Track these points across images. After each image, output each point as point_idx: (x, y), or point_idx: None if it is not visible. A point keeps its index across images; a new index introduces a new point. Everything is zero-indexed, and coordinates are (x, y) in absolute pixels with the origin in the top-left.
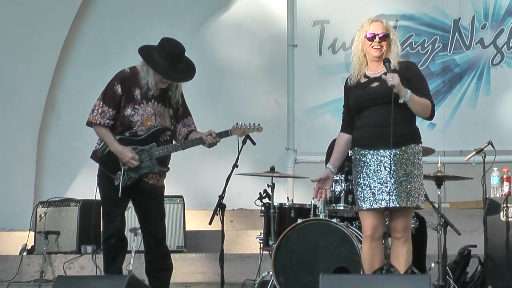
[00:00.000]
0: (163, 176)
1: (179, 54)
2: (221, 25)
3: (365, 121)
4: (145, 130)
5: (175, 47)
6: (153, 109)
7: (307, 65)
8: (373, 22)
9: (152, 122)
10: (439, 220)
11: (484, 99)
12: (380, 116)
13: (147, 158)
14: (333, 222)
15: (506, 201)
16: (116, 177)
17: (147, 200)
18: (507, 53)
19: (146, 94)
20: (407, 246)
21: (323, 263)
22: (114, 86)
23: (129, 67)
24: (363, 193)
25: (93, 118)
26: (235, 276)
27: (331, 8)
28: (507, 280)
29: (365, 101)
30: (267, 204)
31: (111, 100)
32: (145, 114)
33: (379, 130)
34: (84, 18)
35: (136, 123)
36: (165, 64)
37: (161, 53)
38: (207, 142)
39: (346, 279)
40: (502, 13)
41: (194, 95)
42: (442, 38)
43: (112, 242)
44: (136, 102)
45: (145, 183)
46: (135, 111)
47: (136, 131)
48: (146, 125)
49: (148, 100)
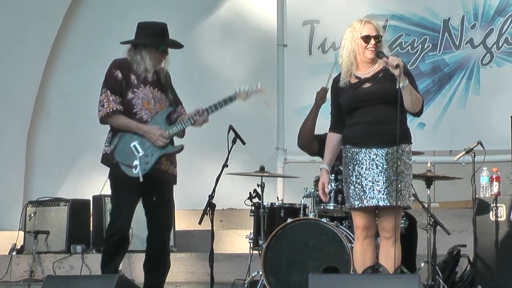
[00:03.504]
0: (173, 162)
1: (164, 27)
2: (210, 25)
3: (357, 120)
4: (148, 113)
5: (156, 23)
6: (151, 93)
7: (297, 65)
8: (366, 24)
9: (152, 106)
10: (429, 220)
11: (474, 99)
12: (373, 115)
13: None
14: (323, 222)
15: (496, 201)
16: (133, 165)
17: (159, 189)
18: (496, 53)
19: (142, 79)
20: (396, 246)
21: (313, 263)
22: (113, 73)
23: (121, 58)
24: (355, 191)
25: (106, 109)
26: (224, 275)
27: (321, 7)
28: (496, 280)
29: (357, 102)
30: (257, 203)
31: (115, 86)
32: (145, 98)
33: (372, 129)
34: (73, 17)
35: (137, 106)
36: (157, 37)
37: (147, 33)
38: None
39: (336, 279)
40: (491, 13)
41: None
42: (432, 38)
43: (113, 241)
44: (134, 86)
45: (158, 170)
46: (135, 95)
47: (141, 115)
48: (148, 108)
49: (145, 85)
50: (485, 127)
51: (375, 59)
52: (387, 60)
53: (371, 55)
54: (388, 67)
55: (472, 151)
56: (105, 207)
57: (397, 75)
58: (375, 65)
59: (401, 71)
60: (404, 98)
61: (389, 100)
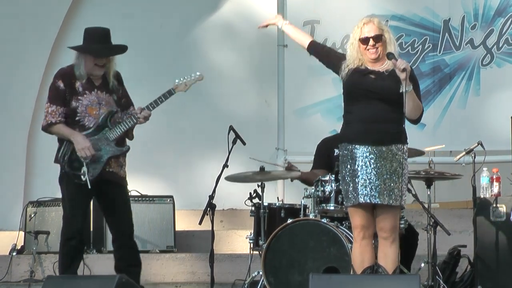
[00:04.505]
0: (121, 164)
1: (104, 33)
2: (210, 25)
3: (354, 117)
4: (93, 120)
5: (98, 29)
6: (97, 98)
7: (297, 65)
8: (365, 24)
9: (98, 111)
10: (429, 220)
11: (474, 100)
12: (370, 112)
13: (105, 144)
14: (323, 222)
15: (496, 201)
16: (82, 173)
17: (113, 192)
18: (497, 54)
19: (88, 84)
20: (395, 246)
21: (313, 263)
22: (55, 83)
23: (67, 66)
24: (349, 189)
25: (45, 121)
26: (225, 276)
27: (321, 8)
28: (497, 280)
29: (359, 89)
30: (257, 204)
31: (56, 98)
32: (89, 104)
33: (368, 127)
34: (74, 18)
35: (81, 113)
36: (94, 46)
37: (89, 40)
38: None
39: (336, 279)
40: (491, 13)
41: (183, 95)
42: (432, 39)
43: (72, 243)
44: (79, 94)
45: (108, 173)
46: (79, 102)
47: (84, 123)
48: (92, 115)
49: (91, 90)
50: (485, 127)
51: (380, 58)
52: (395, 62)
53: (373, 55)
54: (396, 69)
55: (472, 152)
56: None
57: (403, 78)
58: (385, 62)
59: (407, 75)
60: (407, 104)
61: (388, 99)
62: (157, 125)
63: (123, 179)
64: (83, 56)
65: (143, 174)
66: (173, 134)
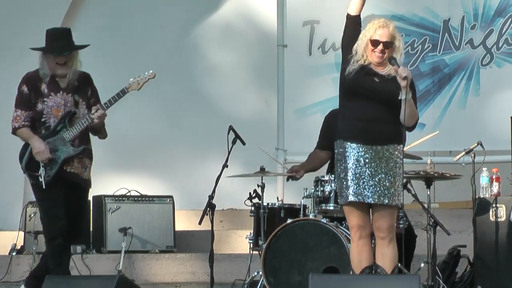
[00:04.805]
0: (85, 166)
1: (62, 32)
2: (210, 25)
3: (353, 114)
4: (57, 120)
5: (57, 28)
6: (63, 100)
7: (297, 65)
8: (381, 28)
9: (62, 112)
10: (429, 220)
11: (474, 100)
12: (369, 112)
13: (61, 145)
14: (323, 222)
15: (496, 201)
16: (39, 174)
17: (71, 193)
18: (496, 54)
19: (54, 86)
20: (392, 246)
21: (313, 263)
22: (20, 88)
23: (33, 70)
24: (342, 187)
25: (12, 126)
26: (224, 276)
27: (321, 8)
28: (496, 280)
29: (362, 89)
30: (257, 204)
31: (20, 102)
32: (54, 105)
33: (364, 125)
34: (74, 18)
35: (46, 115)
36: (53, 44)
37: (48, 39)
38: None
39: (336, 279)
40: (491, 13)
41: (184, 94)
42: (432, 39)
43: (57, 242)
44: (44, 96)
45: (67, 173)
46: (44, 104)
47: (50, 124)
48: (57, 116)
49: (57, 92)
50: (485, 127)
51: (383, 62)
52: (397, 69)
53: (377, 59)
54: (397, 75)
55: (472, 152)
56: (105, 208)
57: (403, 86)
58: (387, 66)
59: (407, 83)
60: (404, 110)
61: (388, 101)
62: (156, 125)
63: (85, 181)
64: (45, 56)
65: (142, 174)
66: (172, 134)
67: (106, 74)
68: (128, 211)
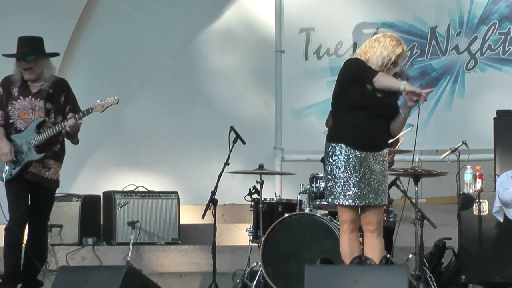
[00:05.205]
0: (48, 166)
1: (29, 40)
2: (213, 32)
3: (354, 122)
4: (24, 123)
5: (27, 36)
6: (30, 104)
7: (293, 69)
8: (398, 47)
9: (29, 116)
10: (416, 214)
11: (459, 102)
12: (368, 121)
13: (26, 149)
14: (318, 216)
15: (479, 196)
16: (3, 170)
17: (37, 192)
18: (480, 59)
19: (24, 90)
20: (380, 238)
21: (308, 255)
22: None
23: (8, 75)
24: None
25: None
26: (226, 266)
27: (316, 16)
28: (480, 270)
29: (364, 104)
30: (256, 199)
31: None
32: (21, 108)
33: (364, 133)
34: (85, 24)
35: (14, 117)
36: (18, 50)
37: (17, 46)
38: (67, 125)
39: (331, 270)
40: (475, 21)
41: (188, 97)
42: (420, 45)
43: (11, 232)
44: (14, 99)
45: (28, 173)
46: (12, 106)
47: (17, 125)
48: (23, 118)
49: (26, 96)
50: (469, 128)
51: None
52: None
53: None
54: (407, 95)
55: (457, 150)
56: (115, 203)
57: (410, 106)
58: None
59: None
60: (397, 123)
61: (387, 114)
62: (162, 126)
63: (48, 180)
64: (17, 62)
65: (149, 171)
66: (177, 134)
67: (115, 77)
68: (136, 206)
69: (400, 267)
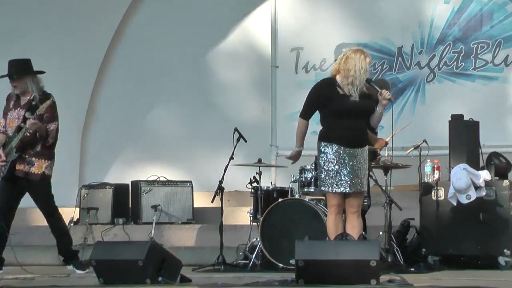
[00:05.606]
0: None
1: (12, 61)
2: (220, 51)
3: (340, 125)
4: (11, 130)
5: (13, 59)
6: (17, 114)
7: (286, 81)
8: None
9: (15, 124)
10: (386, 199)
11: (421, 108)
12: (351, 122)
13: (11, 151)
14: (306, 201)
15: (437, 185)
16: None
17: (29, 185)
18: (438, 73)
19: (16, 103)
20: (359, 219)
21: (298, 232)
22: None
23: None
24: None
25: None
26: (231, 241)
27: (304, 37)
28: (437, 244)
29: (347, 109)
30: (255, 187)
31: (2, 113)
32: (11, 118)
33: (350, 133)
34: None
35: (6, 126)
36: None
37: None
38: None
39: (316, 244)
40: (434, 42)
41: (200, 104)
42: (389, 61)
43: None
44: (9, 110)
45: (17, 170)
46: (6, 117)
47: (9, 133)
48: (11, 126)
49: (16, 108)
50: (429, 129)
51: None
52: (386, 93)
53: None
54: (380, 96)
55: (419, 147)
56: (140, 190)
57: (384, 104)
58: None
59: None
60: (375, 118)
61: (365, 114)
62: (179, 127)
63: (33, 175)
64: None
65: (169, 164)
66: (192, 134)
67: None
68: (158, 193)
69: (373, 242)
